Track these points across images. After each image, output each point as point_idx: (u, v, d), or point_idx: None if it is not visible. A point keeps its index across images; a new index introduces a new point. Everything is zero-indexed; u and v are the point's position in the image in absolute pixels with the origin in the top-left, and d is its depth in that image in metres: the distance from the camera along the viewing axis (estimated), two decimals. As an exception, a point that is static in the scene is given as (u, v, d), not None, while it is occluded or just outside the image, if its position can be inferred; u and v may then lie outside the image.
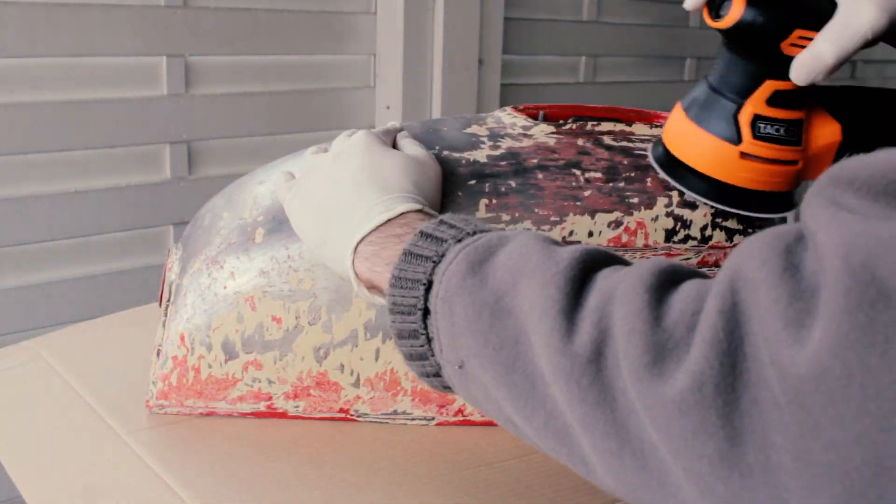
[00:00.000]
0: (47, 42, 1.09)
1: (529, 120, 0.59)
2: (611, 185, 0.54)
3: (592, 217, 0.53)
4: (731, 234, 0.55)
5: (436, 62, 1.36)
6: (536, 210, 0.53)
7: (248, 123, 1.27)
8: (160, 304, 0.65)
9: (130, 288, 1.21)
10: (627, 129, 0.59)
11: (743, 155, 0.50)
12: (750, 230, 0.55)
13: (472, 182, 0.54)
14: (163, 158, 1.22)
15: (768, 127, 0.50)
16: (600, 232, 0.53)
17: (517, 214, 0.53)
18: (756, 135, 0.50)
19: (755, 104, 0.50)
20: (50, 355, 0.62)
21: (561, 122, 0.59)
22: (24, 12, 1.06)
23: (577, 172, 0.55)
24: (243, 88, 1.27)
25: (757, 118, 0.50)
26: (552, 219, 0.53)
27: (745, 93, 0.50)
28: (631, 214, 0.54)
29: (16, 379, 0.60)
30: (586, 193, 0.54)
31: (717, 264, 0.55)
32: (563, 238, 0.53)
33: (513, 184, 0.54)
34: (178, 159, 1.22)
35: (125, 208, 1.19)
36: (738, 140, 0.50)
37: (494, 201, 0.53)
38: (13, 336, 1.11)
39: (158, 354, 0.54)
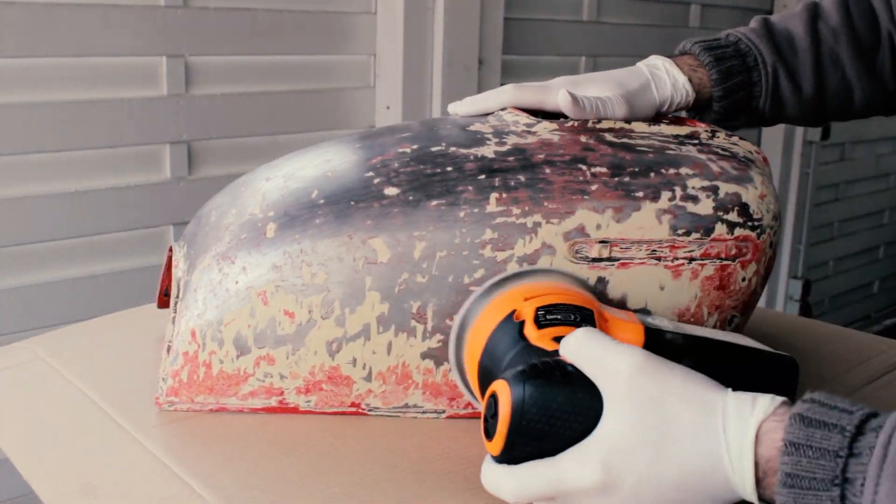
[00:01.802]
0: (47, 42, 1.09)
1: (531, 118, 0.60)
2: (616, 179, 0.55)
3: (601, 211, 0.54)
4: (732, 227, 0.55)
5: (436, 62, 1.36)
6: (546, 203, 0.53)
7: (248, 123, 1.27)
8: (158, 304, 0.66)
9: (130, 288, 1.21)
10: (627, 126, 0.61)
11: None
12: (749, 223, 0.56)
13: (482, 177, 0.54)
14: (163, 158, 1.22)
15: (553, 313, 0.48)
16: (608, 225, 0.54)
17: (527, 208, 0.53)
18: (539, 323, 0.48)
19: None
20: (48, 355, 0.62)
21: (562, 119, 0.60)
22: (24, 12, 1.06)
23: (584, 167, 0.55)
24: (243, 88, 1.27)
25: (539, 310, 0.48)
26: (562, 212, 0.53)
27: None
28: (638, 209, 0.54)
29: (16, 379, 0.59)
30: (593, 188, 0.54)
31: (718, 257, 0.55)
32: (578, 227, 0.53)
33: (522, 178, 0.54)
34: (178, 159, 1.22)
35: (125, 208, 1.19)
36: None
37: (504, 195, 0.53)
38: (13, 336, 1.10)
39: (168, 351, 0.54)
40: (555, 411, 0.41)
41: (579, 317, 0.48)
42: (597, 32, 1.67)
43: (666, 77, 0.66)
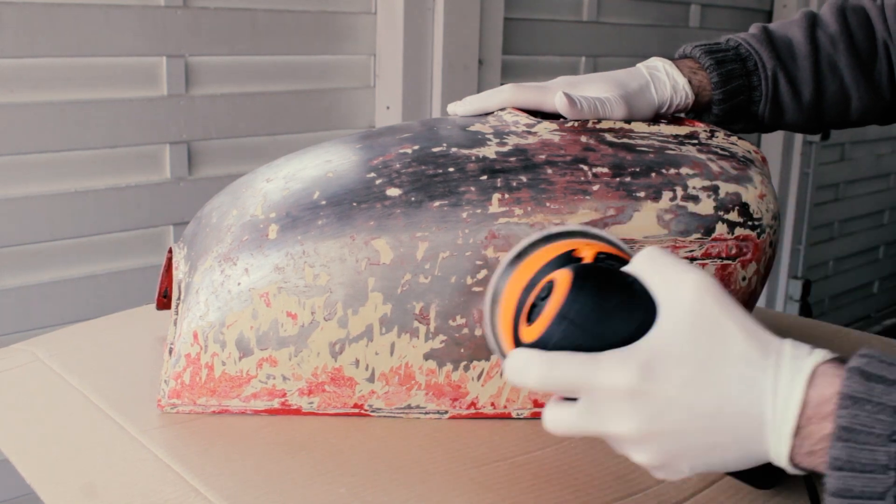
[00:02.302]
0: (47, 42, 1.08)
1: (531, 118, 0.60)
2: (617, 179, 0.55)
3: (602, 211, 0.54)
4: (732, 226, 0.55)
5: (436, 62, 1.36)
6: (548, 204, 0.53)
7: (248, 123, 1.27)
8: (157, 306, 0.65)
9: (130, 288, 1.21)
10: (626, 126, 0.61)
11: None
12: (749, 223, 0.56)
13: (484, 177, 0.54)
14: (163, 158, 1.21)
15: None
16: (614, 225, 0.54)
17: (529, 209, 0.53)
18: None
19: None
20: (47, 357, 0.62)
21: (561, 119, 0.60)
22: (24, 12, 1.06)
23: (585, 168, 0.55)
24: (243, 88, 1.27)
25: None
26: (564, 212, 0.53)
27: None
28: (640, 209, 0.54)
29: (15, 381, 0.59)
30: (595, 188, 0.54)
31: (719, 256, 0.55)
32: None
33: (524, 178, 0.54)
34: (178, 159, 1.22)
35: (125, 208, 1.18)
36: None
37: (507, 196, 0.53)
38: (13, 336, 1.10)
39: (170, 353, 0.54)
40: (605, 307, 0.39)
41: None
42: (597, 32, 1.67)
43: (665, 79, 0.66)
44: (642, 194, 0.54)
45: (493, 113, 0.62)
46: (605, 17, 1.69)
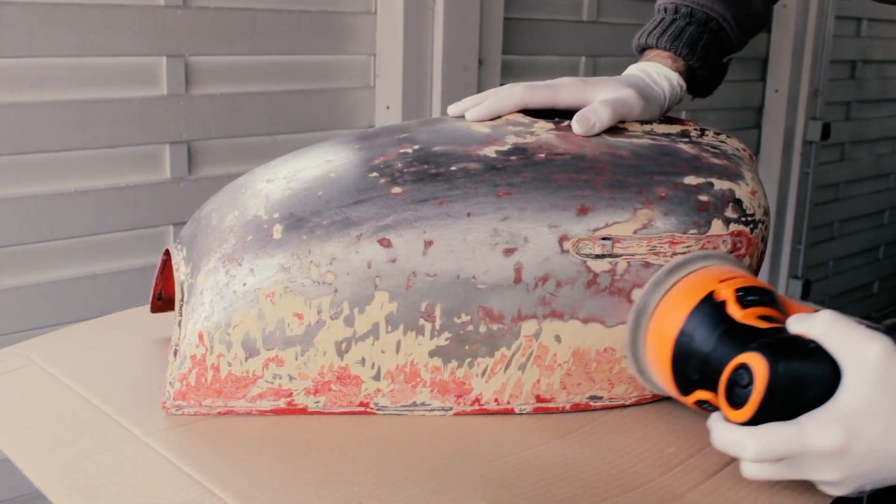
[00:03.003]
0: (47, 42, 1.08)
1: (527, 118, 0.60)
2: (615, 177, 0.55)
3: (602, 208, 0.54)
4: (727, 222, 0.56)
5: (436, 62, 1.36)
6: (551, 202, 0.54)
7: (248, 123, 1.27)
8: (152, 309, 0.65)
9: (130, 288, 1.20)
10: (621, 125, 0.62)
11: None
12: (743, 219, 0.56)
13: (486, 176, 0.54)
14: (163, 158, 1.21)
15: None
16: (609, 222, 0.54)
17: (531, 207, 0.54)
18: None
19: None
20: (42, 359, 0.61)
21: (556, 119, 0.61)
22: (24, 12, 1.06)
23: (584, 165, 0.56)
24: (243, 88, 1.26)
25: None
26: (566, 211, 0.54)
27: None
28: (638, 206, 0.55)
29: (11, 386, 0.58)
30: (594, 185, 0.55)
31: (716, 249, 0.55)
32: (581, 225, 0.53)
33: (526, 177, 0.54)
34: (178, 159, 1.22)
35: (125, 208, 1.18)
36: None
37: (509, 194, 0.54)
38: (13, 336, 1.10)
39: (175, 354, 0.54)
40: (801, 382, 0.44)
41: (770, 298, 0.51)
42: (597, 32, 1.67)
43: (658, 78, 0.68)
44: (640, 191, 0.55)
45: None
46: (605, 16, 1.69)
